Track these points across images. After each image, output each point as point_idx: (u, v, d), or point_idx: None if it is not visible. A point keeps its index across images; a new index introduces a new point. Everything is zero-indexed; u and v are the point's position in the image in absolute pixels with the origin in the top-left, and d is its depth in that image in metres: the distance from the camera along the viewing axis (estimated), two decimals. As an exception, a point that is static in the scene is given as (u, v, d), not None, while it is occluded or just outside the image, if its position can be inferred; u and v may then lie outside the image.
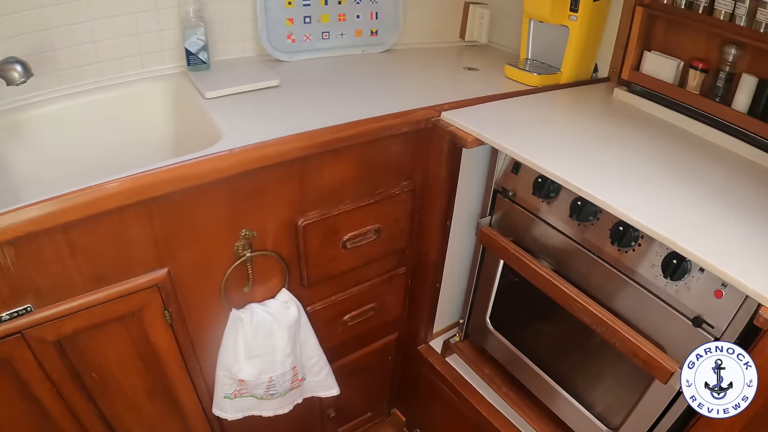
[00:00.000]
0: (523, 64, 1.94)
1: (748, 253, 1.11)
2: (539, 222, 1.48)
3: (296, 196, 1.39)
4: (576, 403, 1.61)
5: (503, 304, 1.76)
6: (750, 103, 1.67)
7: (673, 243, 1.11)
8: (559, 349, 1.64)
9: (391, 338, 2.00)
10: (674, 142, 1.61)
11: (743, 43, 1.65)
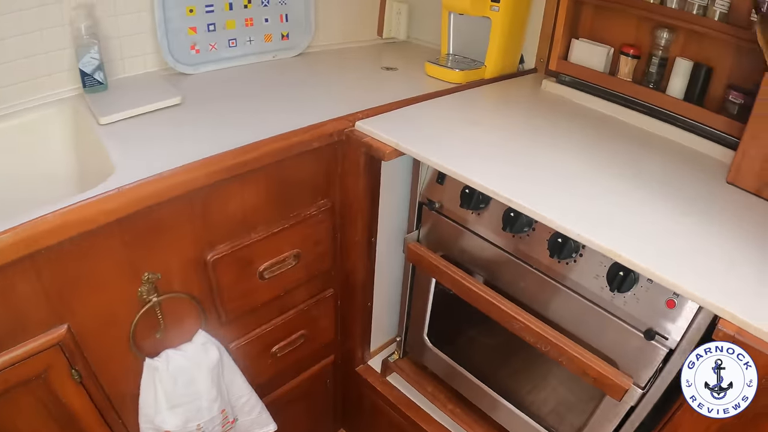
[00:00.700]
0: (444, 61, 1.87)
1: (697, 258, 1.07)
2: (471, 235, 1.41)
3: (201, 230, 1.29)
4: (525, 417, 1.55)
5: (441, 319, 1.69)
6: (686, 88, 1.66)
7: (617, 255, 1.05)
8: (504, 362, 1.59)
9: (327, 362, 1.91)
10: (609, 134, 1.56)
11: (675, 26, 1.60)
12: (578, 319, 1.27)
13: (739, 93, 1.57)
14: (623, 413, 1.28)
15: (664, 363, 1.15)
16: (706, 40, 1.60)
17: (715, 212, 1.25)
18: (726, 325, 0.95)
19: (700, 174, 1.41)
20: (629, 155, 1.46)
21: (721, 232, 1.17)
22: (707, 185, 1.37)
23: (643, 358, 1.18)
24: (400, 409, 1.81)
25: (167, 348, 1.37)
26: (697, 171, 1.43)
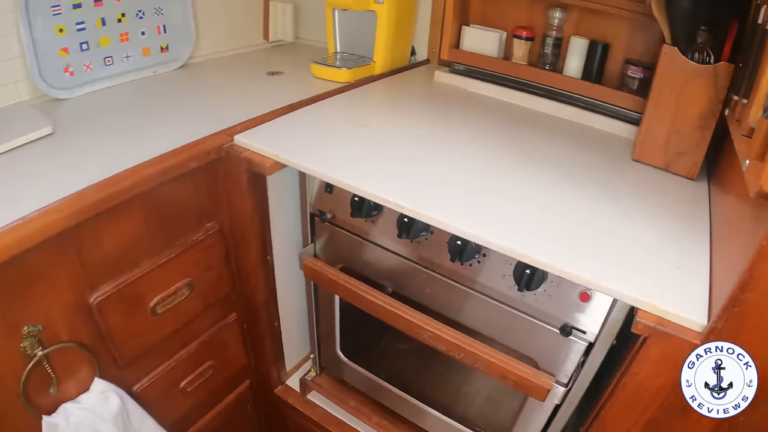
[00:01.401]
0: (331, 60, 1.84)
1: (607, 246, 1.06)
2: (368, 244, 1.38)
3: (78, 273, 1.22)
4: (452, 422, 1.54)
5: (353, 332, 1.66)
6: (583, 67, 1.68)
7: (520, 254, 1.03)
8: (423, 368, 1.59)
9: (243, 388, 1.86)
10: (507, 121, 1.55)
11: (568, 4, 1.61)
12: (491, 321, 1.26)
13: (638, 67, 1.60)
14: (550, 410, 1.28)
15: (586, 357, 1.15)
16: (601, 17, 1.62)
17: (623, 194, 1.25)
18: (645, 317, 0.95)
19: (605, 154, 1.42)
20: (530, 142, 1.46)
21: (632, 215, 1.17)
22: (613, 165, 1.38)
23: (562, 355, 1.17)
24: (325, 427, 1.77)
25: (65, 402, 1.30)
26: (602, 151, 1.44)
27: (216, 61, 2.01)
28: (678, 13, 1.32)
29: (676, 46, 1.30)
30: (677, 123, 1.33)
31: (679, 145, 1.34)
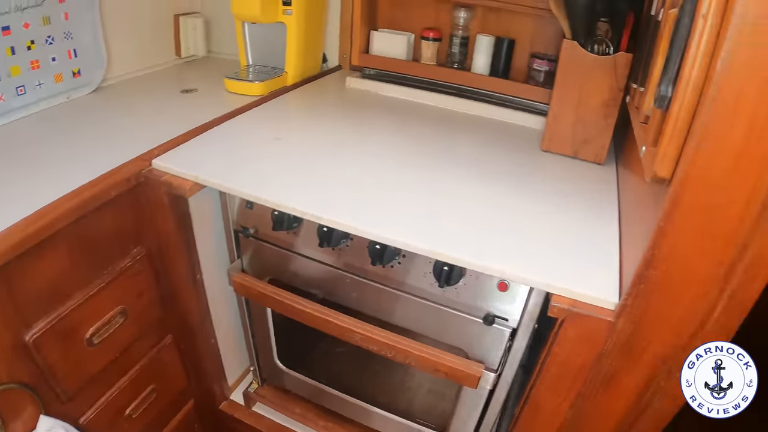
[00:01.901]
0: (244, 74, 1.89)
1: (519, 236, 1.15)
2: (293, 255, 1.44)
3: (11, 313, 1.24)
4: (396, 417, 1.62)
5: (289, 340, 1.72)
6: (490, 63, 1.79)
7: (436, 253, 1.11)
8: (362, 368, 1.66)
9: (188, 408, 1.91)
10: (419, 122, 1.63)
11: (472, 4, 1.70)
12: (419, 318, 1.33)
13: (543, 60, 1.70)
14: (485, 396, 1.37)
15: (511, 342, 1.24)
16: (505, 14, 1.71)
17: (535, 184, 1.36)
18: (559, 300, 1.04)
19: (516, 147, 1.52)
20: (442, 141, 1.55)
21: (543, 204, 1.27)
22: (524, 157, 1.47)
23: (488, 343, 1.26)
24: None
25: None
26: (513, 144, 1.53)
27: (129, 82, 2.02)
28: (576, 8, 1.41)
29: (576, 40, 1.41)
30: (582, 112, 1.43)
31: (585, 133, 1.45)
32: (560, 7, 1.41)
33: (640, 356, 1.01)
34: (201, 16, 2.18)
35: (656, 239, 0.87)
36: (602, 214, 1.26)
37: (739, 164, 0.77)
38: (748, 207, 0.80)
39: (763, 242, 0.81)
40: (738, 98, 0.73)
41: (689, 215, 0.83)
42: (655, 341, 0.98)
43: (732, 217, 0.81)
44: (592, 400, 1.11)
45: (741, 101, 0.73)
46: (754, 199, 0.79)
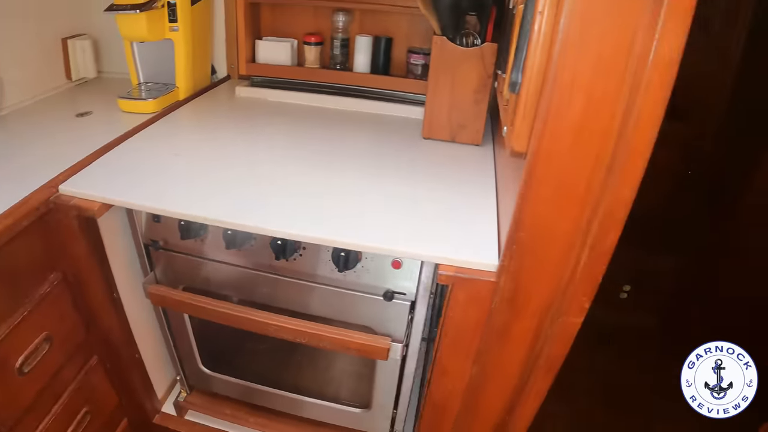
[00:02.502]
0: (137, 92, 1.96)
1: (407, 218, 1.31)
2: (203, 261, 1.54)
3: None
4: (325, 402, 1.76)
5: (210, 345, 1.83)
6: (371, 62, 1.96)
7: (330, 240, 1.25)
8: (285, 362, 1.76)
9: (123, 426, 1.98)
10: (307, 124, 1.77)
11: (349, 8, 1.86)
12: (326, 304, 1.48)
13: (419, 55, 1.86)
14: (398, 366, 1.53)
15: (413, 314, 1.41)
16: (381, 15, 1.87)
17: (418, 168, 1.54)
18: (445, 269, 1.20)
19: (400, 138, 1.68)
20: (331, 138, 1.69)
21: (427, 185, 1.45)
22: (407, 146, 1.64)
23: (392, 317, 1.42)
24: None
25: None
26: (396, 136, 1.69)
27: (24, 110, 2.05)
28: (442, 6, 1.57)
29: (445, 35, 1.57)
30: (456, 100, 1.61)
31: (460, 118, 1.63)
32: (428, 7, 1.56)
33: (525, 309, 1.17)
34: (88, 37, 2.22)
35: (519, 205, 1.04)
36: (480, 189, 1.44)
37: (581, 135, 0.94)
38: (594, 172, 0.97)
39: (612, 201, 0.99)
40: (574, 78, 0.90)
41: (544, 182, 1.00)
42: (536, 293, 1.15)
43: (581, 181, 0.98)
44: (491, 354, 1.28)
45: (577, 80, 0.90)
46: (599, 165, 0.96)
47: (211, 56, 2.12)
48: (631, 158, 0.94)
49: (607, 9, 0.84)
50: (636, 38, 0.86)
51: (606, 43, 0.86)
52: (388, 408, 1.67)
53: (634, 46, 0.86)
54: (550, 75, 0.90)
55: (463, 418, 1.43)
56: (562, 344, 1.20)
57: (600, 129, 0.92)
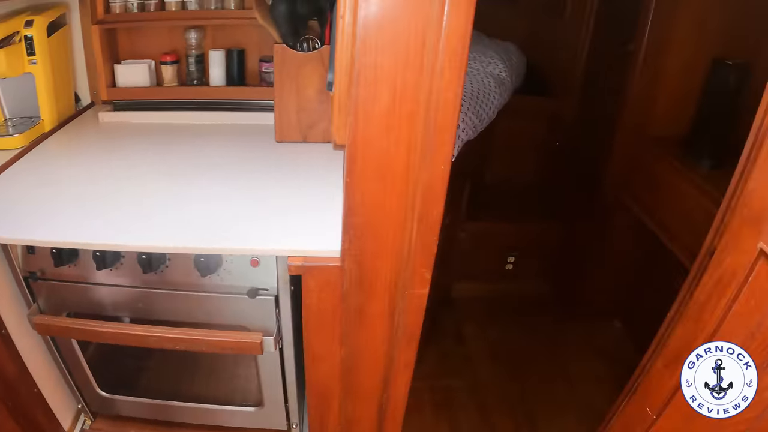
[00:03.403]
0: (3, 129, 1.97)
1: (261, 218, 1.43)
2: (82, 285, 1.60)
3: None
4: (223, 406, 1.86)
5: (104, 368, 1.88)
6: (225, 75, 2.04)
7: (189, 248, 1.35)
8: (178, 374, 1.86)
9: None
10: (171, 141, 1.85)
11: (200, 25, 1.94)
12: (199, 309, 1.56)
13: (270, 63, 1.94)
14: (277, 358, 1.64)
15: (279, 308, 1.51)
16: (231, 28, 1.97)
17: (272, 171, 1.64)
18: (293, 260, 1.31)
19: (255, 144, 1.78)
20: (191, 152, 1.78)
21: (277, 186, 1.56)
22: (262, 152, 1.74)
23: (261, 313, 1.52)
24: (119, 464, 2.00)
25: None
26: (253, 143, 1.79)
27: None
28: (279, 16, 1.69)
29: (286, 43, 1.68)
30: (302, 102, 1.72)
31: (309, 119, 1.75)
32: (266, 17, 1.67)
33: (374, 287, 1.29)
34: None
35: (347, 192, 1.15)
36: (329, 183, 1.57)
37: (392, 122, 1.06)
38: (410, 153, 1.09)
39: (430, 176, 1.11)
40: (377, 73, 1.01)
41: (366, 168, 1.11)
42: (381, 272, 1.26)
43: (400, 162, 1.10)
44: (354, 335, 1.39)
45: (380, 74, 1.01)
46: (413, 146, 1.08)
47: (73, 85, 2.16)
48: (438, 136, 1.05)
49: (398, 10, 0.96)
50: (427, 32, 0.98)
51: (401, 39, 0.98)
52: (280, 402, 1.76)
53: (426, 40, 0.98)
54: (354, 72, 1.00)
55: (346, 401, 1.54)
56: (415, 315, 1.32)
57: (408, 114, 1.03)
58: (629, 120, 2.51)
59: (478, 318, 3.07)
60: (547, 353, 2.91)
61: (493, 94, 2.49)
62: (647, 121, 2.50)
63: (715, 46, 2.29)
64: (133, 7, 1.99)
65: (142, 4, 1.98)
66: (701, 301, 1.27)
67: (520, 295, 3.28)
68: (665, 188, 2.31)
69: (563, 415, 2.54)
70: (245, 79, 2.03)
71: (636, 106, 2.48)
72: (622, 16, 2.57)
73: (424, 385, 2.65)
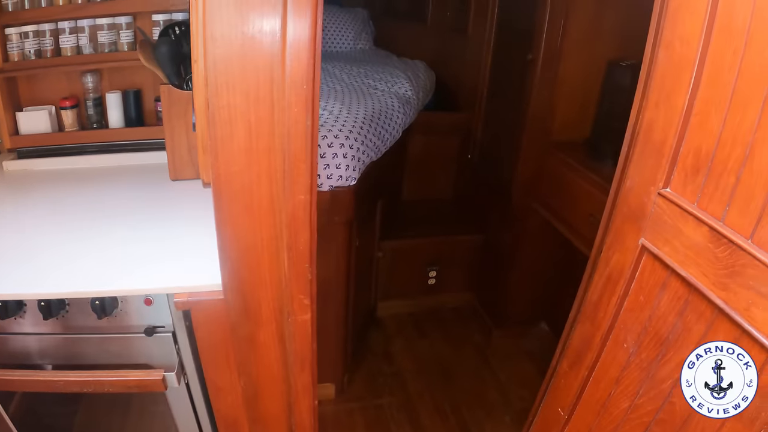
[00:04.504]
0: None
1: (153, 258, 1.45)
2: None
3: None
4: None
5: (30, 424, 1.83)
6: (123, 115, 2.07)
7: (81, 293, 1.37)
8: (106, 415, 1.88)
9: None
10: (70, 187, 1.87)
11: (95, 69, 1.97)
12: (107, 351, 1.57)
13: (164, 102, 2.00)
14: (186, 395, 1.64)
15: (177, 343, 1.53)
16: (127, 70, 2.00)
17: (164, 211, 1.67)
18: (180, 296, 1.35)
19: (152, 185, 1.81)
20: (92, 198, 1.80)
21: (169, 226, 1.59)
22: (157, 192, 1.77)
23: (161, 350, 1.54)
24: None
25: None
26: (150, 183, 1.82)
27: None
28: (162, 57, 1.72)
29: (171, 82, 1.72)
30: (192, 140, 1.76)
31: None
32: (150, 60, 1.71)
33: (260, 315, 1.33)
34: None
35: (218, 228, 1.20)
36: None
37: (251, 158, 1.12)
38: (272, 186, 1.15)
39: (294, 208, 1.17)
40: (231, 112, 1.06)
41: (233, 203, 1.17)
42: (264, 300, 1.31)
43: (264, 196, 1.16)
44: (250, 363, 1.43)
45: (234, 113, 1.06)
46: (274, 179, 1.14)
47: (-24, 136, 2.14)
48: (295, 167, 1.10)
49: (245, 51, 1.02)
50: (274, 71, 1.04)
51: (250, 79, 1.05)
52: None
53: (273, 77, 1.04)
54: (210, 113, 1.05)
55: (255, 429, 1.57)
56: (303, 340, 1.36)
57: (265, 148, 1.09)
58: (533, 127, 2.59)
59: (405, 334, 3.13)
60: (476, 362, 2.98)
61: (396, 113, 2.56)
62: (550, 126, 2.59)
63: (611, 49, 2.40)
64: (30, 54, 1.99)
65: (38, 51, 1.99)
66: (594, 300, 1.35)
67: (445, 307, 3.35)
68: (569, 190, 2.40)
69: (497, 421, 2.61)
70: (144, 120, 2.06)
71: (538, 113, 2.56)
72: (521, 27, 2.65)
73: (356, 406, 2.68)
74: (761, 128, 0.90)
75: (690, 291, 1.05)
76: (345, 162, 2.11)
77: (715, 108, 0.99)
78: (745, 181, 0.93)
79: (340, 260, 2.31)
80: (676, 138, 1.07)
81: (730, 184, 0.96)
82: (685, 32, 1.04)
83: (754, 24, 0.90)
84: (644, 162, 1.17)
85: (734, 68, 0.94)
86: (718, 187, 0.99)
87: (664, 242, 1.11)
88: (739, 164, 0.94)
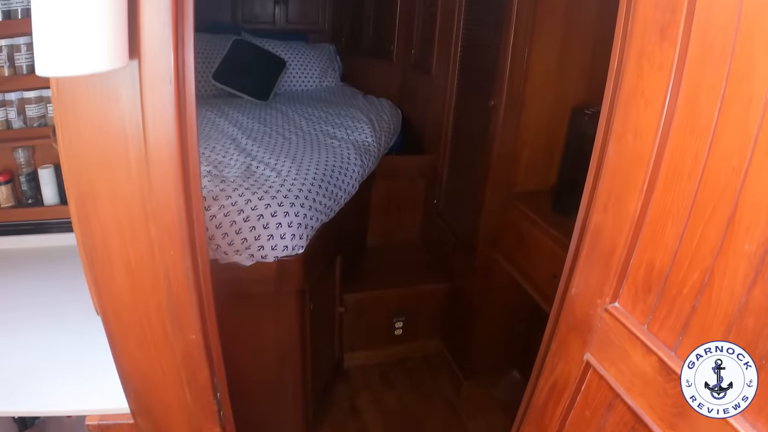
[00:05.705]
0: None
1: (52, 380, 1.35)
2: None
3: None
4: None
5: None
6: (58, 192, 1.98)
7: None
8: None
9: None
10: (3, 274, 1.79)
11: (26, 144, 1.92)
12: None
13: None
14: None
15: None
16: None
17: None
18: (91, 419, 1.27)
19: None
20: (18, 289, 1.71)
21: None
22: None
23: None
24: None
25: None
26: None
27: None
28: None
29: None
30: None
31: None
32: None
33: (172, 437, 1.26)
34: None
35: (115, 360, 1.14)
36: None
37: (137, 297, 1.05)
38: (163, 324, 1.07)
39: (186, 347, 1.10)
40: (107, 252, 1.00)
41: (126, 339, 1.11)
42: (176, 425, 1.24)
43: (157, 333, 1.08)
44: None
45: (109, 253, 1.00)
46: (161, 316, 1.07)
47: None
48: (180, 309, 1.01)
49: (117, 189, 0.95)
50: (147, 207, 0.95)
51: (122, 218, 0.97)
52: None
53: (146, 213, 0.96)
54: (85, 253, 1.01)
55: None
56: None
57: (150, 287, 1.03)
58: (496, 177, 2.52)
59: (372, 387, 3.05)
60: (446, 413, 2.91)
61: (353, 166, 2.49)
62: (514, 175, 2.52)
63: (577, 92, 2.34)
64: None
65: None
66: (540, 404, 1.28)
67: (413, 357, 3.27)
68: (532, 246, 2.34)
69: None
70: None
71: (502, 162, 2.49)
72: (484, 71, 2.58)
73: (320, 467, 2.57)
74: (723, 253, 0.81)
75: (636, 420, 0.99)
76: (291, 231, 2.02)
77: (672, 219, 0.89)
78: (701, 312, 0.87)
79: (293, 327, 2.24)
80: (626, 248, 0.98)
81: (685, 313, 0.89)
82: (639, 124, 0.94)
83: (722, 123, 0.79)
84: (590, 270, 1.08)
85: (695, 175, 0.84)
86: (671, 312, 0.91)
87: (610, 363, 1.03)
88: (695, 291, 0.87)
